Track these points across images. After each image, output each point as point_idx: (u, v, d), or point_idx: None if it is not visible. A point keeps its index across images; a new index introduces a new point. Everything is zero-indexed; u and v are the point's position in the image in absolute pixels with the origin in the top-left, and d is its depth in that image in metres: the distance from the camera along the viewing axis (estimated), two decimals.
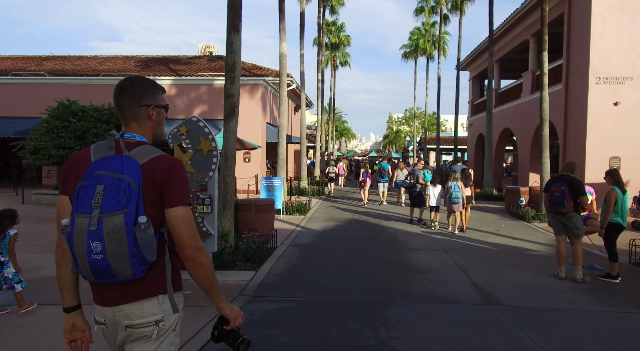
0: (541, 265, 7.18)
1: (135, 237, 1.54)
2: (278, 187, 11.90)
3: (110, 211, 1.52)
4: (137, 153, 1.66)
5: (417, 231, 10.32)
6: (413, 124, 44.89)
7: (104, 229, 1.51)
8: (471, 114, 26.99)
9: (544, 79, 12.65)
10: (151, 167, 1.64)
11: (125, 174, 1.58)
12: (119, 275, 1.57)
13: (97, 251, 1.52)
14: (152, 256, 1.61)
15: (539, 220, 11.96)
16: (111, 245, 1.51)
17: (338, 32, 36.09)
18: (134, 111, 1.76)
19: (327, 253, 7.84)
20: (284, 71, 13.01)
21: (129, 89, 1.75)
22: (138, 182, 1.59)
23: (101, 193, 1.54)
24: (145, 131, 1.80)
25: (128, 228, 1.52)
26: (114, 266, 1.54)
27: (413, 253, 7.91)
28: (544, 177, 12.59)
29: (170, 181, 1.65)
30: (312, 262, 7.13)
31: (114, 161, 1.61)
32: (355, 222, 11.51)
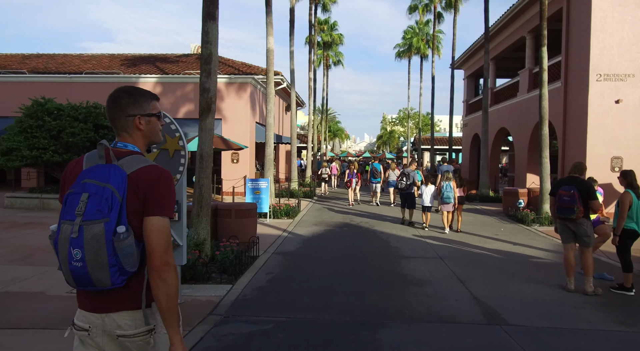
0: (546, 275, 6.58)
1: (114, 246, 1.53)
2: (264, 189, 11.24)
3: (91, 219, 1.52)
4: (126, 163, 1.65)
5: (411, 236, 9.71)
6: (407, 125, 44.40)
7: (84, 237, 1.51)
8: (466, 113, 26.47)
9: (543, 76, 12.09)
10: (138, 177, 1.62)
11: (109, 183, 1.57)
12: (98, 283, 1.55)
13: (77, 259, 1.52)
14: (132, 266, 1.58)
15: (539, 223, 11.39)
16: (90, 253, 1.51)
17: (330, 30, 35.48)
18: (121, 121, 1.75)
19: (314, 262, 7.19)
20: (272, 67, 12.36)
21: (116, 100, 1.75)
22: (122, 191, 1.58)
23: (85, 200, 1.54)
24: (137, 140, 1.78)
25: (108, 236, 1.52)
26: (93, 274, 1.53)
27: (407, 261, 7.28)
28: (543, 178, 12.03)
29: (153, 191, 1.62)
30: (297, 273, 6.48)
31: (102, 169, 1.61)
32: (346, 226, 10.87)
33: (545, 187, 11.97)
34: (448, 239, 9.39)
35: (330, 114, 65.09)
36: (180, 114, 18.01)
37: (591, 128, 12.78)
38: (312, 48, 27.33)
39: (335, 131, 63.85)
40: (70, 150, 12.49)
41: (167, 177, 1.67)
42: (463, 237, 9.62)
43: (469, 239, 9.35)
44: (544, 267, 7.10)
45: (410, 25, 36.91)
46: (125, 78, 18.65)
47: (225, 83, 17.85)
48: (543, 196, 11.94)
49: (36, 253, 7.34)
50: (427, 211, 10.69)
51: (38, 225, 10.11)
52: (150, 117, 1.79)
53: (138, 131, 1.77)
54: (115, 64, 21.52)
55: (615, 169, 12.77)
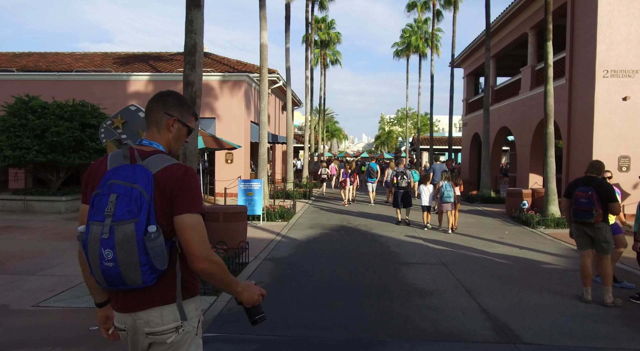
0: (559, 283, 6.08)
1: (145, 246, 1.54)
2: (257, 191, 10.72)
3: (121, 219, 1.53)
4: (151, 162, 1.66)
5: (411, 239, 9.20)
6: (405, 125, 43.91)
7: (115, 238, 1.52)
8: (466, 112, 25.99)
9: (548, 72, 11.60)
10: (163, 176, 1.63)
11: (137, 183, 1.58)
12: (129, 282, 1.57)
13: (108, 259, 1.53)
14: (162, 264, 1.60)
15: (544, 225, 10.90)
16: (122, 253, 1.52)
17: (328, 29, 34.97)
18: (158, 115, 1.79)
19: (308, 269, 6.67)
20: (265, 63, 11.85)
21: (164, 96, 1.81)
22: (150, 191, 1.59)
23: (114, 201, 1.55)
24: (163, 139, 1.80)
25: (138, 236, 1.53)
26: (125, 273, 1.54)
27: (408, 268, 6.77)
28: (549, 178, 11.54)
29: (179, 189, 1.63)
30: (288, 283, 5.95)
31: (128, 170, 1.61)
32: (343, 229, 10.35)
33: (551, 187, 11.48)
34: (450, 243, 8.88)
35: (328, 114, 64.60)
36: None
37: (597, 126, 12.30)
38: (309, 46, 26.80)
39: (333, 131, 63.36)
40: (55, 150, 11.95)
41: (192, 174, 1.68)
42: (466, 240, 9.12)
43: (473, 243, 8.85)
44: (555, 274, 6.60)
45: (408, 23, 36.50)
46: (116, 76, 18.14)
47: (219, 81, 17.34)
48: (548, 197, 11.45)
49: (9, 260, 6.80)
50: (427, 210, 10.76)
51: (18, 229, 9.57)
52: (183, 126, 1.83)
53: (167, 131, 1.79)
54: (108, 63, 20.98)
55: (623, 169, 12.30)
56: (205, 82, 17.47)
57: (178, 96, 1.84)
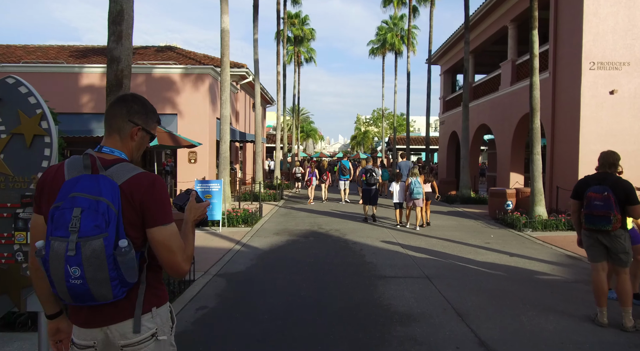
0: (562, 299, 5.13)
1: (115, 260, 1.47)
2: (217, 193, 9.51)
3: (88, 235, 1.44)
4: (115, 172, 1.57)
5: (388, 246, 8.16)
6: (381, 125, 43.18)
7: (83, 255, 1.44)
8: (443, 111, 25.31)
9: (534, 62, 10.79)
10: (130, 187, 1.56)
11: (103, 196, 1.49)
12: (99, 298, 1.50)
13: (75, 276, 1.45)
14: (133, 277, 1.54)
15: (531, 228, 10.05)
16: (90, 270, 1.45)
17: (301, 25, 33.81)
18: (121, 122, 1.69)
19: (266, 288, 5.53)
20: (227, 50, 10.64)
21: (128, 102, 1.72)
22: (117, 204, 1.52)
23: (78, 216, 1.46)
24: (126, 147, 1.71)
25: (108, 251, 1.46)
26: (94, 290, 1.47)
27: (387, 283, 5.71)
28: (535, 176, 10.72)
29: (149, 201, 1.57)
30: (238, 308, 4.79)
31: (91, 181, 1.52)
32: (313, 235, 9.24)
33: (537, 187, 10.66)
34: (432, 250, 7.89)
35: (303, 115, 63.45)
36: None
37: (584, 122, 11.58)
38: (282, 41, 25.66)
39: (309, 132, 62.24)
40: None
41: (160, 183, 1.63)
42: (450, 246, 8.15)
43: (457, 250, 7.88)
44: (555, 287, 5.65)
45: (384, 19, 35.74)
46: (67, 68, 16.54)
47: (181, 74, 15.98)
48: (535, 197, 10.63)
49: None
50: (399, 208, 10.78)
51: None
52: (147, 135, 1.76)
53: (131, 140, 1.71)
54: (63, 55, 19.39)
55: None
56: (165, 75, 16.14)
57: (142, 101, 1.75)
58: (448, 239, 8.86)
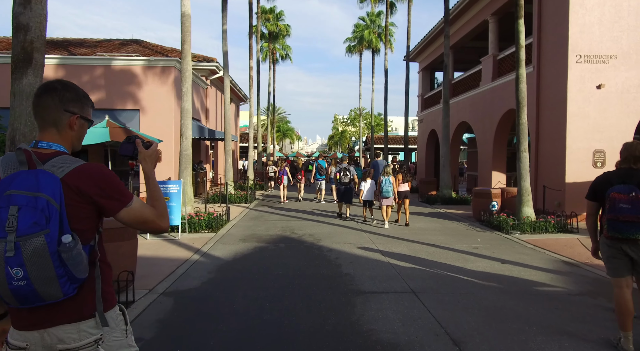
0: (572, 317, 4.36)
1: (61, 257, 1.40)
2: (175, 194, 8.48)
3: (27, 233, 1.36)
4: (55, 165, 1.49)
5: (368, 253, 7.31)
6: (359, 124, 42.49)
7: (24, 254, 1.36)
8: (421, 109, 24.73)
9: (520, 54, 10.13)
10: (74, 180, 1.48)
11: (41, 191, 1.41)
12: (48, 298, 1.42)
13: (18, 278, 1.37)
14: (83, 273, 1.46)
15: (519, 230, 9.37)
16: (34, 269, 1.36)
17: (276, 20, 32.77)
18: (55, 113, 1.58)
19: (222, 311, 4.57)
20: (187, 36, 9.58)
21: (58, 90, 1.59)
22: (58, 198, 1.42)
23: (15, 214, 1.38)
24: (65, 140, 1.61)
25: (52, 248, 1.38)
26: (41, 289, 1.39)
27: (367, 301, 4.84)
28: (522, 175, 10.05)
29: (106, 190, 1.52)
30: (183, 341, 3.82)
31: (28, 177, 1.43)
32: (285, 241, 8.31)
33: (525, 186, 10.00)
34: (416, 257, 7.07)
35: (280, 114, 62.35)
36: None
37: (571, 117, 11.01)
38: (256, 35, 24.61)
39: (285, 131, 61.17)
40: None
41: (105, 170, 1.55)
42: (435, 253, 7.36)
43: (444, 256, 7.08)
44: (560, 302, 4.89)
45: (361, 16, 34.96)
46: (4, 58, 15.10)
47: (144, 67, 14.81)
48: (522, 197, 9.96)
49: None
50: (367, 205, 10.89)
51: None
52: (85, 122, 1.67)
53: (69, 130, 1.62)
54: (5, 47, 17.90)
55: (598, 164, 11.10)
56: (126, 68, 14.93)
57: (73, 87, 1.62)
58: (432, 244, 8.07)
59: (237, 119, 29.30)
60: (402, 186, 10.71)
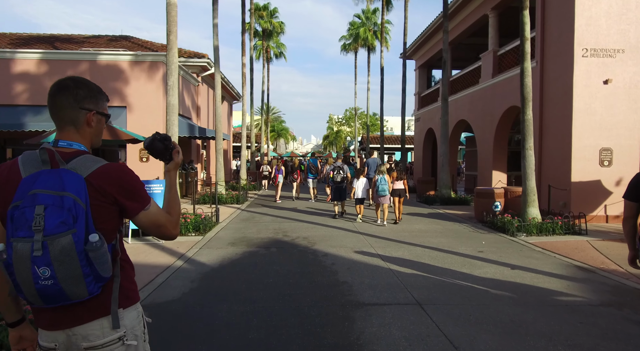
0: (601, 334, 3.84)
1: (88, 256, 1.38)
2: (159, 195, 7.92)
3: (55, 233, 1.34)
4: (78, 165, 1.46)
5: (366, 258, 6.77)
6: (354, 124, 41.96)
7: (51, 254, 1.33)
8: (418, 107, 24.25)
9: (525, 46, 9.63)
10: (99, 180, 1.46)
11: (67, 190, 1.38)
12: (74, 297, 1.40)
13: (45, 277, 1.35)
14: (108, 272, 1.45)
15: (525, 232, 8.88)
16: (61, 269, 1.35)
17: (270, 17, 32.17)
18: (72, 112, 1.55)
19: (202, 329, 4.01)
20: (174, 27, 8.98)
21: (71, 88, 1.55)
22: (84, 198, 1.40)
23: (42, 214, 1.34)
24: (84, 138, 1.59)
25: (79, 248, 1.36)
26: (67, 289, 1.37)
27: (367, 315, 4.29)
28: (527, 174, 9.56)
29: (129, 191, 1.50)
30: None
31: (52, 176, 1.41)
32: (276, 245, 7.76)
33: (530, 186, 9.50)
34: (418, 262, 6.54)
35: (274, 114, 61.76)
36: None
37: (577, 114, 10.53)
38: (249, 32, 24.01)
39: (280, 131, 60.59)
40: None
41: (128, 171, 1.55)
42: (438, 257, 6.83)
43: (448, 261, 6.56)
44: (583, 315, 4.37)
45: (356, 14, 34.46)
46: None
47: (131, 62, 14.20)
48: (527, 198, 9.47)
49: None
50: (359, 203, 10.82)
51: None
52: (102, 117, 1.63)
53: (88, 127, 1.59)
54: (3, 43, 17.28)
55: (605, 163, 10.62)
56: (113, 63, 14.30)
57: (86, 83, 1.58)
58: (435, 248, 7.54)
59: (230, 118, 28.69)
60: (396, 184, 10.68)
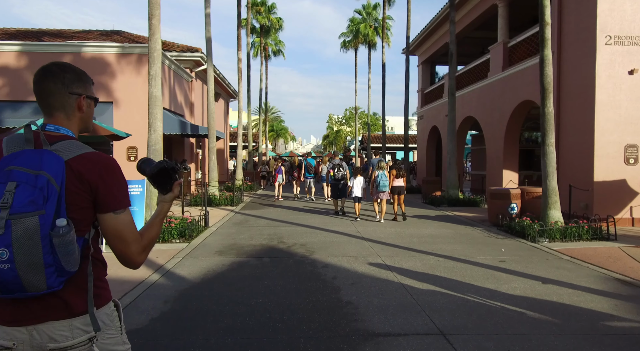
0: None
1: (52, 243, 1.26)
2: (138, 197, 7.01)
3: (22, 212, 1.24)
4: (62, 148, 1.37)
5: (374, 271, 5.87)
6: (354, 123, 41.08)
7: (13, 233, 1.23)
8: (421, 104, 23.36)
9: (545, 32, 8.75)
10: (79, 165, 1.36)
11: (43, 170, 1.29)
12: (30, 288, 1.26)
13: (2, 260, 1.23)
14: (73, 266, 1.31)
15: (547, 237, 7.98)
16: (21, 252, 1.23)
17: (268, 13, 31.27)
18: (61, 97, 1.47)
19: None
20: (156, 9, 7.96)
21: (57, 73, 1.47)
22: (60, 180, 1.30)
23: (12, 190, 1.26)
24: (73, 123, 1.50)
25: (44, 232, 1.25)
26: (24, 277, 1.24)
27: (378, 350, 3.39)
28: (548, 173, 8.66)
29: (107, 183, 1.38)
30: None
31: (33, 155, 1.33)
32: (270, 254, 6.85)
33: (551, 186, 8.61)
34: (434, 275, 5.65)
35: (273, 114, 60.89)
36: None
37: (600, 107, 9.64)
38: (246, 28, 23.13)
39: (279, 131, 59.69)
40: None
41: (115, 164, 1.45)
42: (456, 268, 5.94)
43: (469, 275, 5.66)
44: None
45: (357, 9, 33.52)
46: None
47: (118, 55, 13.31)
48: (548, 199, 8.57)
49: None
50: (357, 201, 10.84)
51: None
52: (91, 101, 1.56)
53: (78, 112, 1.51)
54: None
55: (630, 161, 9.73)
56: (98, 56, 13.39)
57: (71, 67, 1.50)
58: (450, 257, 6.65)
59: (227, 117, 27.81)
60: (396, 181, 10.65)
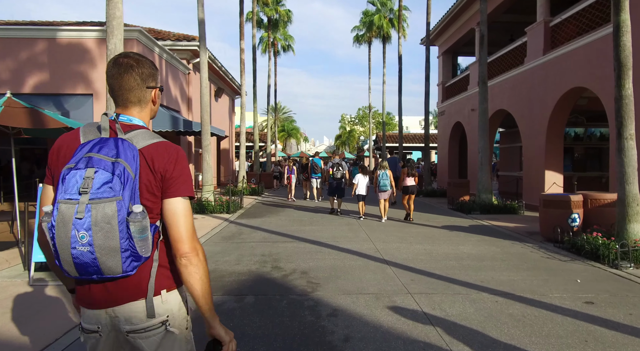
0: None
1: (128, 228, 1.29)
2: None
3: (101, 197, 1.27)
4: (135, 136, 1.42)
5: (403, 322, 3.96)
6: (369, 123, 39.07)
7: (93, 218, 1.26)
8: (442, 99, 21.31)
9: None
10: (151, 153, 1.40)
11: (120, 157, 1.32)
12: (106, 271, 1.31)
13: (83, 243, 1.27)
14: (146, 251, 1.36)
15: (633, 262, 5.97)
16: (100, 236, 1.26)
17: (276, 4, 29.50)
18: (140, 93, 1.50)
19: None
20: None
21: (135, 68, 1.48)
22: (135, 167, 1.35)
23: (91, 177, 1.29)
24: (145, 114, 1.55)
25: (120, 217, 1.27)
26: (102, 260, 1.28)
27: None
28: (627, 175, 6.62)
29: (174, 171, 1.42)
30: None
31: (108, 143, 1.36)
32: (256, 289, 4.97)
33: (631, 192, 6.57)
34: (502, 334, 3.71)
35: (284, 114, 59.20)
36: (28, 88, 11.58)
37: None
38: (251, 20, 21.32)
39: (290, 131, 57.91)
40: None
41: (184, 155, 1.49)
42: (531, 319, 4.00)
43: (554, 330, 3.71)
44: None
45: (370, 0, 31.49)
46: None
47: (98, 40, 11.61)
48: (628, 209, 6.53)
49: None
50: (361, 200, 10.70)
51: None
52: (160, 92, 1.60)
53: (152, 104, 1.57)
54: None
55: None
56: (76, 41, 11.65)
57: (146, 59, 1.51)
58: (511, 295, 4.69)
59: (233, 114, 26.10)
60: (408, 180, 10.43)
